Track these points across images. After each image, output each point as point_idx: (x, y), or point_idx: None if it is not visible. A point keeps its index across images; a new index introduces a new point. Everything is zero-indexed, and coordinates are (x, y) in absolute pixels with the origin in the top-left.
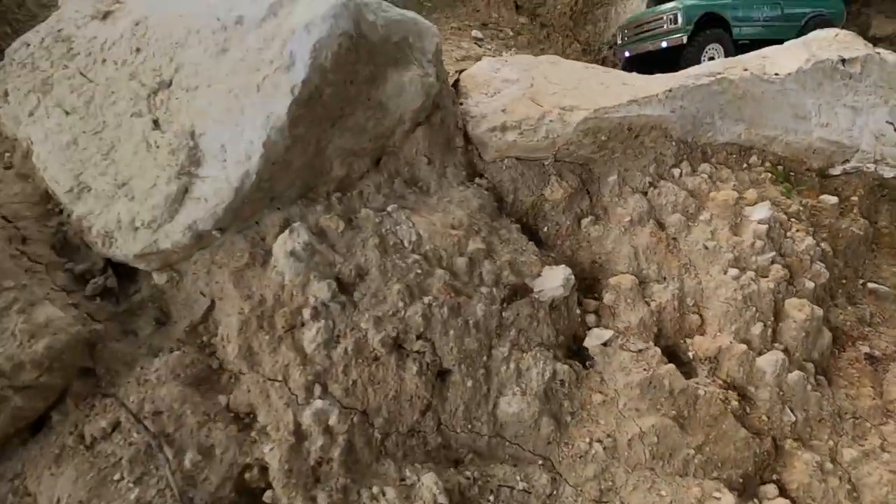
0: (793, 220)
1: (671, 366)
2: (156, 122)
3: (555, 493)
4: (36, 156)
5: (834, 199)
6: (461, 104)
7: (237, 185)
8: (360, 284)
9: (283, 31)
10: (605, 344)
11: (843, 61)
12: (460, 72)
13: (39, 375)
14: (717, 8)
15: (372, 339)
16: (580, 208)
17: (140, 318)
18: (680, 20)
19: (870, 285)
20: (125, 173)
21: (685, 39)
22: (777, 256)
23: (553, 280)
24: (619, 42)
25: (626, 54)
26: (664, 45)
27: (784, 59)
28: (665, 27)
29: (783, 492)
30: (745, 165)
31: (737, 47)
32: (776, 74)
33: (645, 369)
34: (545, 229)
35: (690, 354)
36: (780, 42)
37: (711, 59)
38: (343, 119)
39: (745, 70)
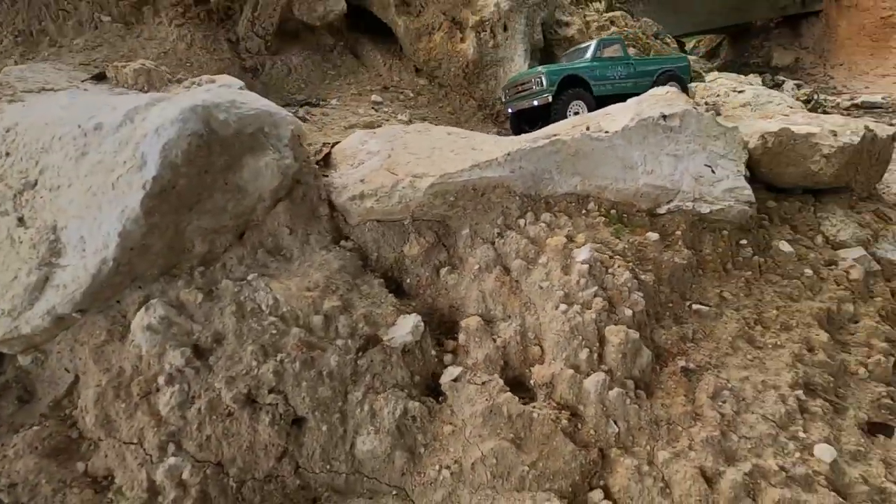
0: (617, 257)
1: (509, 394)
2: (20, 220)
3: None
4: None
5: (656, 236)
6: (326, 176)
7: (94, 272)
8: (217, 349)
9: (137, 135)
10: (455, 380)
11: (664, 117)
12: (334, 145)
13: None
14: (575, 70)
15: (225, 397)
16: (438, 260)
17: (2, 399)
18: (545, 82)
19: (694, 306)
20: None
21: (550, 98)
22: (599, 290)
23: (403, 328)
24: (504, 100)
25: (510, 110)
26: (535, 103)
27: (621, 116)
28: (534, 88)
29: (608, 495)
30: (584, 211)
31: (598, 102)
32: (605, 132)
33: (487, 399)
34: (408, 281)
35: (532, 382)
36: (635, 93)
37: (576, 113)
38: (201, 203)
39: (587, 128)
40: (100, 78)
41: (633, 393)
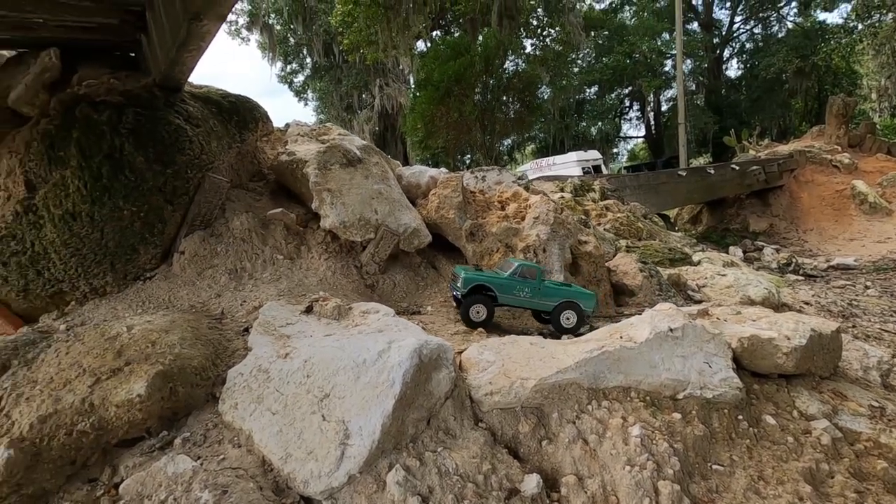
0: (656, 431)
1: None
2: (324, 416)
3: None
4: (258, 439)
5: (679, 415)
6: (465, 379)
7: (369, 447)
8: (432, 496)
9: (388, 366)
10: None
11: (671, 329)
12: (460, 353)
13: None
14: (486, 281)
15: None
16: (539, 435)
17: None
18: (461, 283)
19: (714, 466)
20: (311, 446)
21: (461, 295)
22: (649, 456)
23: (530, 484)
24: (449, 282)
25: (452, 292)
26: (457, 294)
27: (642, 328)
28: (458, 284)
29: None
30: (629, 399)
31: (497, 306)
32: (634, 342)
33: None
34: (522, 450)
35: None
36: (539, 310)
37: (477, 312)
38: (413, 403)
39: (620, 337)
40: (308, 311)
41: None
